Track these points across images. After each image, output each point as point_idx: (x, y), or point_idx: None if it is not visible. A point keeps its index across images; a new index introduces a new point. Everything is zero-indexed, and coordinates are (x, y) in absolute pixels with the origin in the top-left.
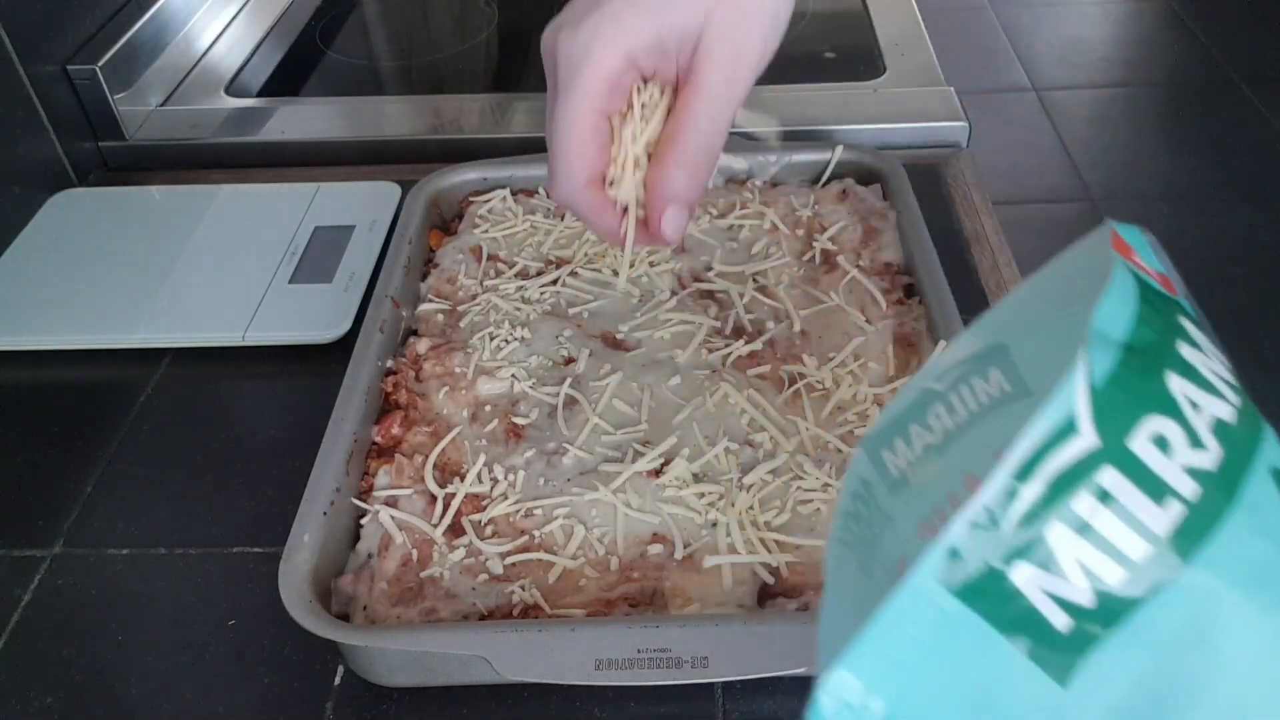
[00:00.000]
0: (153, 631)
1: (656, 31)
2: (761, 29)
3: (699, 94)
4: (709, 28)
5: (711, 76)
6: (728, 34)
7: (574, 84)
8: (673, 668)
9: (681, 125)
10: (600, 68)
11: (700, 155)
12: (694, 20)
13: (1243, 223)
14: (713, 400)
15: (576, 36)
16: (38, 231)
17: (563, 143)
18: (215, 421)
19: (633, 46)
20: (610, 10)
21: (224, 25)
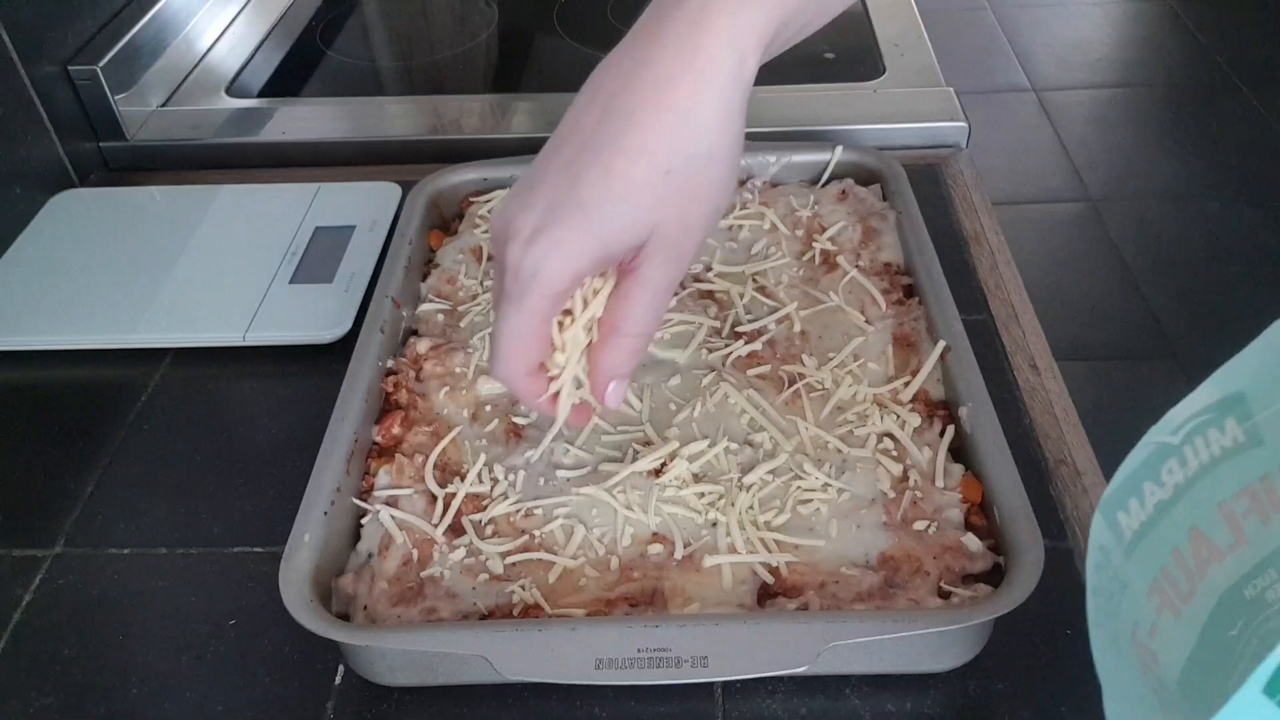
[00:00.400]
0: (153, 631)
1: (604, 252)
2: (701, 234)
3: (640, 289)
4: (653, 238)
5: (652, 274)
6: (671, 242)
7: (522, 300)
8: (672, 667)
9: (622, 315)
10: (548, 288)
11: (640, 340)
12: (640, 236)
13: (1243, 223)
14: (713, 400)
15: (526, 255)
16: (38, 232)
17: (506, 343)
18: (215, 421)
19: (580, 269)
20: (558, 234)
21: (225, 26)
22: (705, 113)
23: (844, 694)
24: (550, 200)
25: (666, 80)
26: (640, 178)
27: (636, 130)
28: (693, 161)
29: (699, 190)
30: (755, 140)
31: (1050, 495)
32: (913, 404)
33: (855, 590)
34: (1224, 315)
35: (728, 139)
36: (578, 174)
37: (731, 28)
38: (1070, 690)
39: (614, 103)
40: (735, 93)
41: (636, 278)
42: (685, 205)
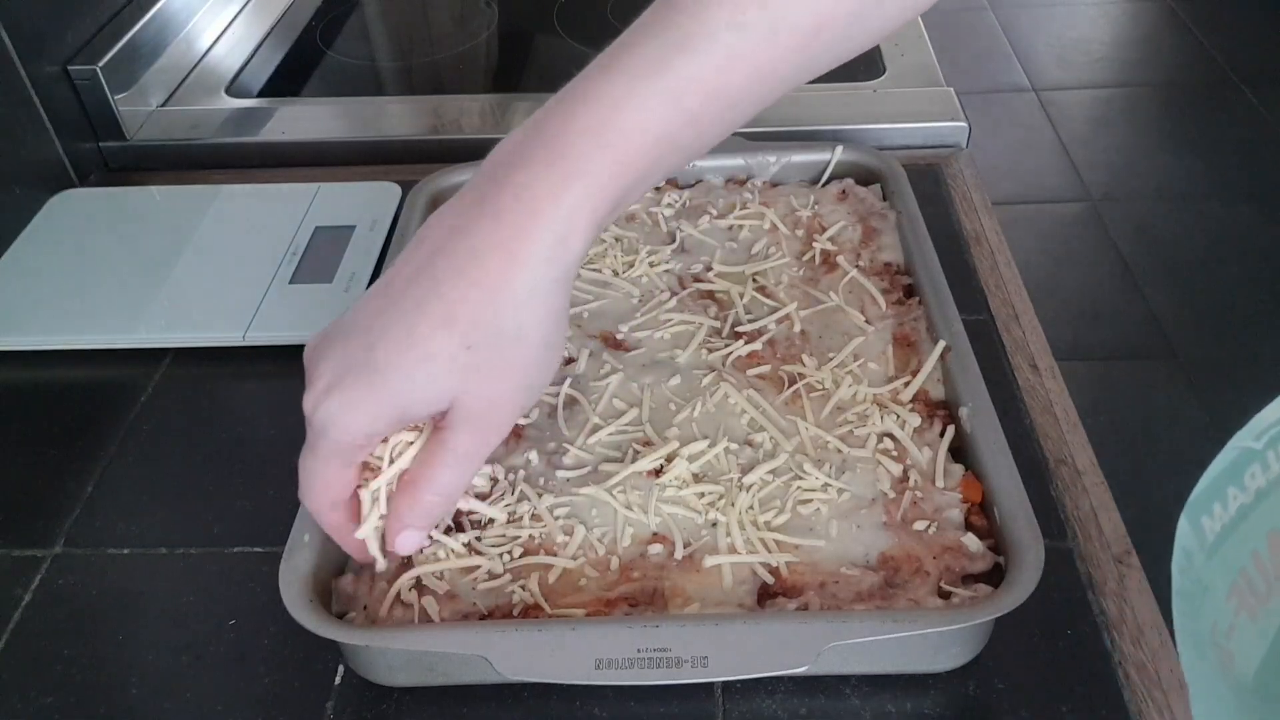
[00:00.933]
0: (153, 631)
1: (399, 414)
2: (510, 409)
3: (444, 453)
4: (456, 408)
5: (457, 441)
6: (475, 414)
7: (316, 448)
8: (672, 668)
9: (424, 475)
10: (338, 445)
11: (436, 502)
12: (439, 405)
13: (1243, 223)
14: (713, 400)
15: (317, 408)
16: (38, 231)
17: (305, 480)
18: (215, 421)
19: (372, 430)
20: (350, 394)
21: (224, 26)
22: (515, 291)
23: (844, 694)
24: (349, 357)
25: (479, 254)
26: (438, 349)
27: (442, 300)
28: (498, 339)
29: (504, 369)
30: (755, 140)
31: (1050, 495)
32: (913, 404)
33: (855, 590)
34: (1224, 315)
35: (540, 318)
36: (379, 335)
37: (552, 210)
38: (1070, 690)
39: (431, 263)
40: (551, 273)
41: (441, 440)
42: (489, 381)
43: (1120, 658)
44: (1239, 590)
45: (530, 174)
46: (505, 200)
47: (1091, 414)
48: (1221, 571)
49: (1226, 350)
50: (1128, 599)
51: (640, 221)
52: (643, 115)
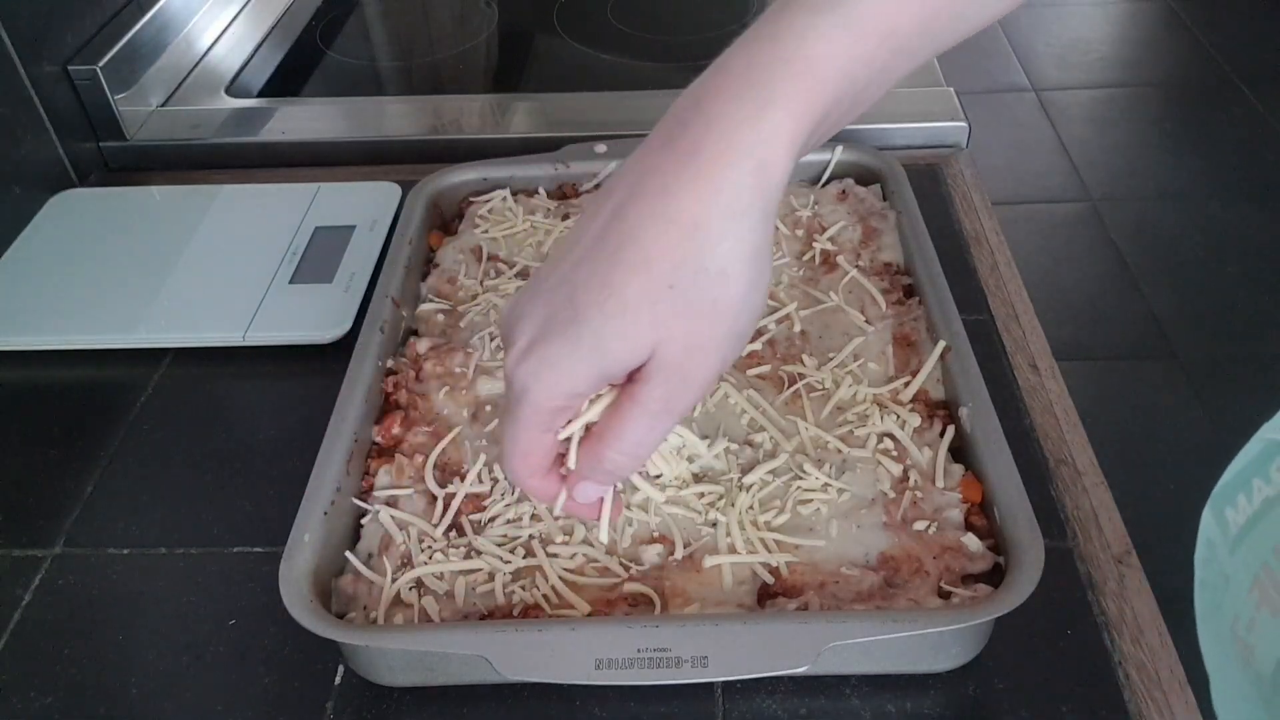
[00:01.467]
0: (153, 631)
1: (599, 371)
2: (715, 357)
3: (634, 408)
4: (654, 359)
5: (649, 395)
6: (674, 364)
7: (517, 413)
8: (673, 668)
9: (610, 431)
10: (540, 407)
11: (624, 460)
12: (639, 356)
13: (1243, 223)
14: (713, 400)
15: (517, 369)
16: (38, 231)
17: (509, 449)
18: (215, 421)
19: (572, 389)
20: (550, 350)
21: (224, 26)
22: (716, 226)
23: (844, 694)
24: (547, 313)
25: (675, 191)
26: (641, 293)
27: (638, 243)
28: (700, 277)
29: (708, 308)
30: None
31: (1050, 495)
32: (913, 404)
33: (855, 590)
34: (1224, 315)
35: (744, 255)
36: (576, 287)
37: (751, 134)
38: (1070, 690)
39: (620, 212)
40: (755, 203)
41: (632, 396)
42: (692, 325)
43: (1120, 658)
44: (1261, 584)
45: (722, 106)
46: (697, 134)
47: (1091, 414)
48: (1244, 564)
49: (1226, 350)
50: (1128, 599)
51: None
52: (827, 46)
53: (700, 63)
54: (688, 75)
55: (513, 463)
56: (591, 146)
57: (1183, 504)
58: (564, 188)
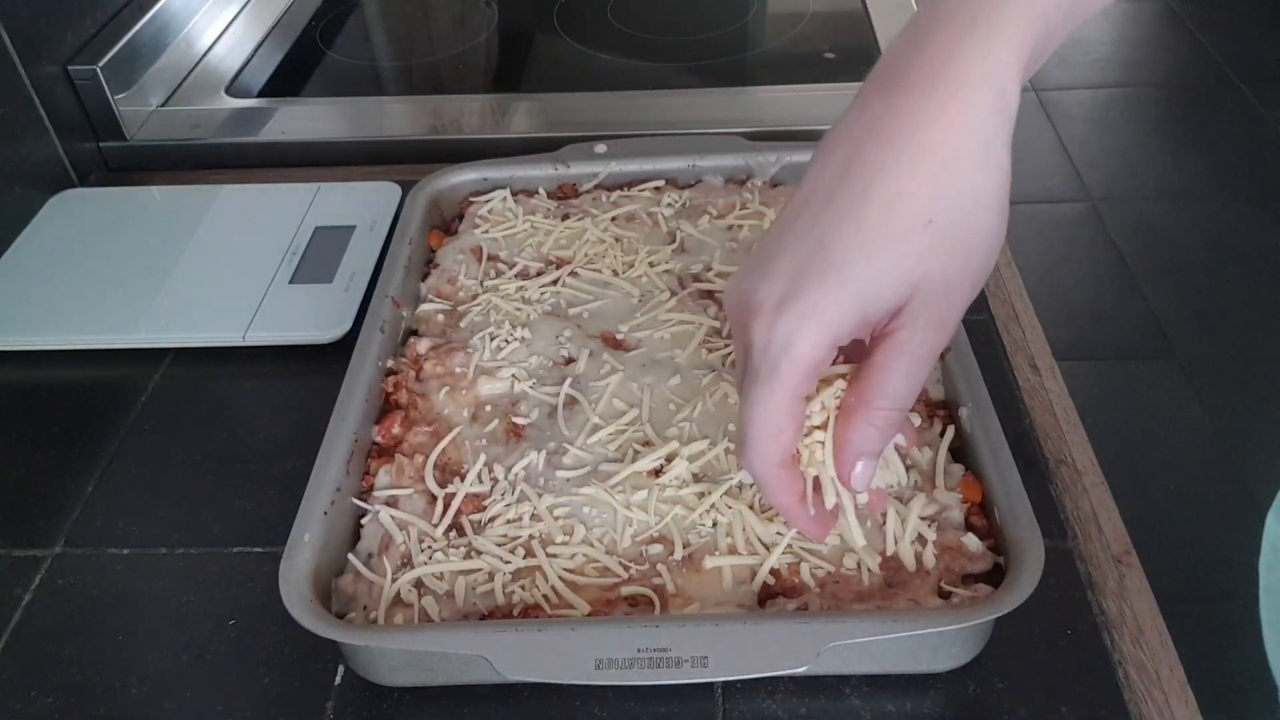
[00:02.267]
0: (153, 631)
1: (861, 315)
2: (969, 292)
3: (899, 356)
4: (915, 298)
5: (913, 339)
6: (935, 301)
7: (774, 377)
8: (672, 668)
9: (874, 385)
10: (803, 361)
11: (894, 414)
12: (901, 296)
13: (1243, 223)
14: (713, 400)
15: (775, 327)
16: (38, 231)
17: (758, 429)
18: (215, 421)
19: (837, 336)
20: (809, 299)
21: (224, 26)
22: (967, 156)
23: (844, 694)
24: (796, 265)
25: (919, 125)
26: (899, 229)
27: (889, 179)
28: (957, 210)
29: (967, 242)
30: (755, 140)
31: (1050, 495)
32: (913, 404)
33: (855, 590)
34: (1224, 315)
35: (994, 182)
36: (824, 232)
37: (983, 64)
38: (1070, 690)
39: (858, 154)
40: (998, 130)
41: (893, 343)
42: (951, 260)
43: (1120, 658)
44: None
45: (946, 40)
46: (925, 73)
47: (1091, 414)
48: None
49: (1226, 350)
50: (1128, 599)
51: (640, 221)
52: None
53: (700, 62)
54: (688, 75)
55: (764, 446)
56: (591, 146)
57: (1183, 504)
58: (564, 188)
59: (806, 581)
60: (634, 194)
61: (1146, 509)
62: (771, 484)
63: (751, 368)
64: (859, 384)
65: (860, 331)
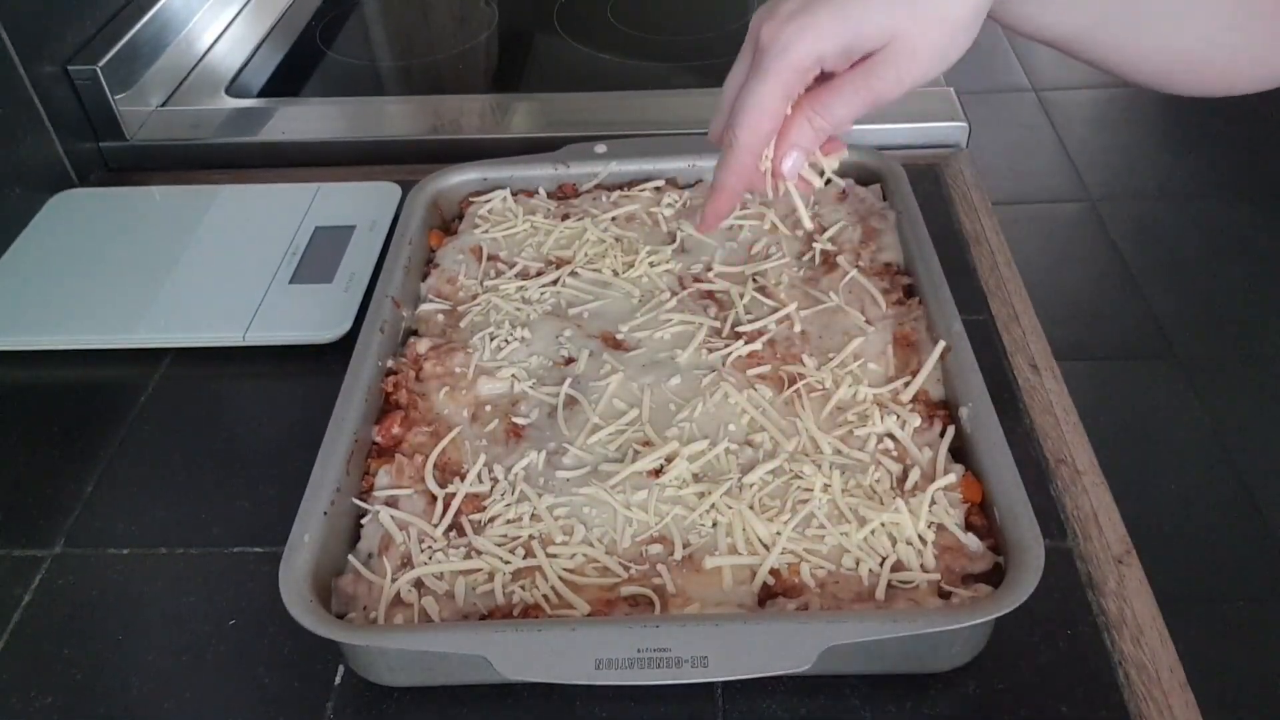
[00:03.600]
0: (153, 631)
1: (849, 40)
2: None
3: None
4: (888, 47)
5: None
6: (902, 56)
7: (769, 70)
8: (672, 668)
9: (824, 98)
10: (793, 61)
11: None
12: (881, 38)
13: (1243, 223)
14: (713, 400)
15: (781, 31)
16: (38, 231)
17: (755, 107)
18: (215, 421)
19: (825, 50)
20: (813, 17)
21: (224, 26)
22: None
23: (844, 694)
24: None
25: None
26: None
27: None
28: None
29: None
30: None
31: (1050, 495)
32: (913, 404)
33: (855, 590)
34: (1224, 315)
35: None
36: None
37: None
38: (1070, 690)
39: None
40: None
41: (855, 73)
42: (928, 29)
43: (1120, 658)
44: None
45: None
46: None
47: (1091, 414)
48: None
49: (1226, 350)
50: (1128, 599)
51: (640, 221)
52: None
53: (700, 62)
54: (688, 75)
55: (749, 117)
56: (591, 146)
57: (1183, 504)
58: (564, 188)
59: (806, 581)
60: (634, 194)
61: (1146, 509)
62: (737, 161)
63: (757, 64)
64: (814, 92)
65: (845, 55)
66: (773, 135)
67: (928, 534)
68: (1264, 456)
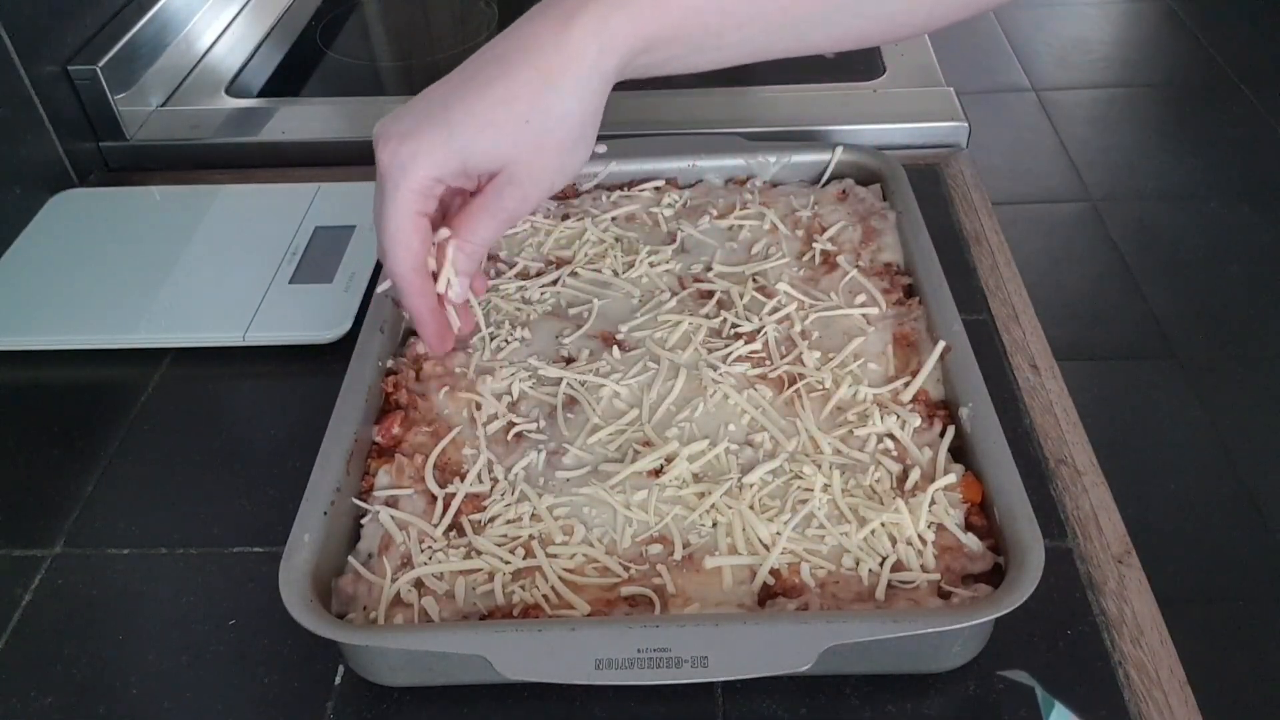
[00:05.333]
0: (153, 631)
1: (461, 165)
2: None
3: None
4: (507, 169)
5: (498, 199)
6: (520, 180)
7: (395, 193)
8: (673, 668)
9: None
10: (414, 183)
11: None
12: (494, 164)
13: (1243, 223)
14: (713, 400)
15: (399, 152)
16: (38, 231)
17: (392, 236)
18: (215, 421)
19: (442, 172)
20: (423, 140)
21: (224, 25)
22: (567, 82)
23: (844, 694)
24: (421, 117)
25: (540, 50)
26: (502, 119)
27: (508, 82)
28: (548, 117)
29: (551, 144)
30: (755, 140)
31: (1050, 495)
32: (913, 404)
33: (855, 590)
34: (1224, 315)
35: (581, 110)
36: (450, 104)
37: (599, 28)
38: (1070, 690)
39: (497, 57)
40: (594, 77)
41: (485, 198)
42: (537, 153)
43: (1120, 658)
44: None
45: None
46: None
47: (1091, 414)
48: None
49: (1226, 350)
50: (1128, 599)
51: (640, 221)
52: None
53: None
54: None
55: (397, 252)
56: None
57: (1183, 504)
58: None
59: (806, 581)
60: (634, 194)
61: (1146, 509)
62: (407, 288)
63: (380, 187)
64: (460, 219)
65: (462, 179)
66: (425, 248)
67: (928, 534)
68: (1264, 456)
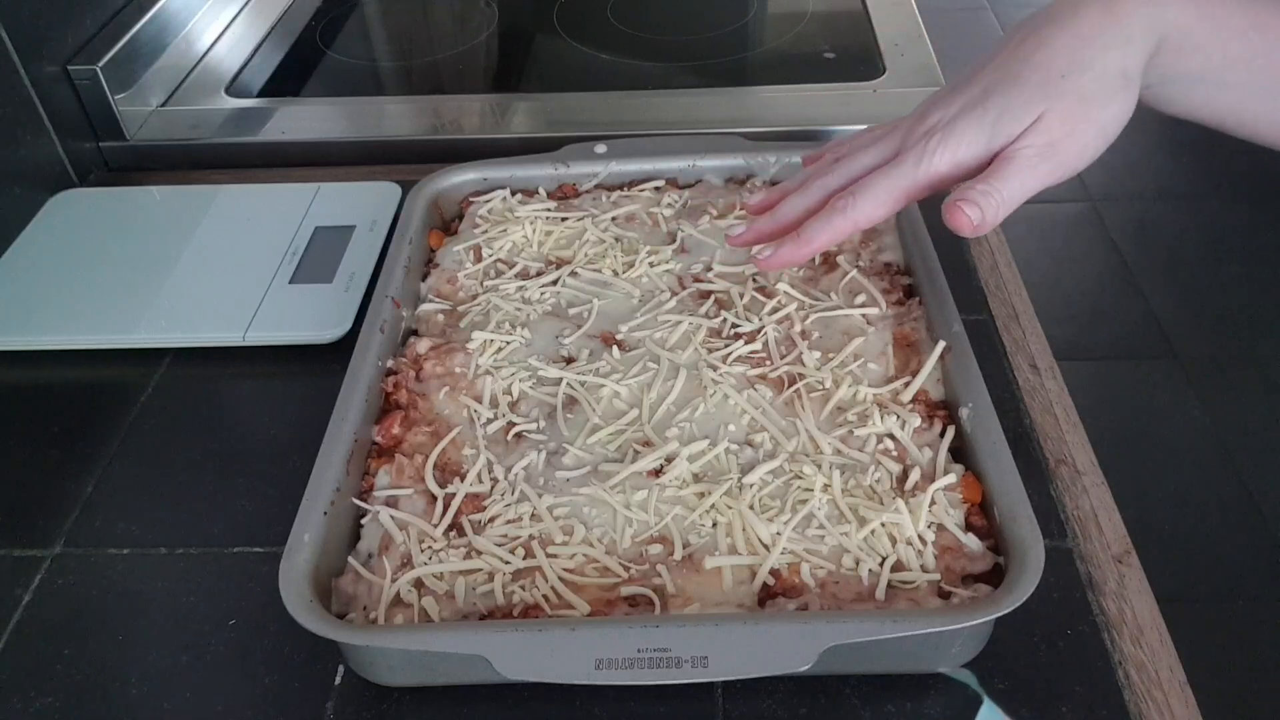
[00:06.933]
0: (153, 631)
1: (986, 146)
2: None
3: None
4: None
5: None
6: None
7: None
8: (672, 668)
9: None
10: (934, 169)
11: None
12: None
13: (1243, 223)
14: (713, 400)
15: (930, 141)
16: (38, 231)
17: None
18: (215, 421)
19: (964, 160)
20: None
21: (224, 26)
22: (1108, 39)
23: (844, 694)
24: (963, 101)
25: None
26: (1038, 78)
27: (1047, 48)
28: (1086, 71)
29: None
30: (755, 140)
31: (1050, 495)
32: (913, 404)
33: (855, 590)
34: (1224, 315)
35: (1124, 65)
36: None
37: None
38: (1070, 690)
39: (1035, 32)
40: (1137, 38)
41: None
42: (1072, 105)
43: (1120, 658)
44: None
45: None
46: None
47: (1091, 414)
48: None
49: (1226, 350)
50: (1128, 599)
51: (640, 221)
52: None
53: (700, 62)
54: (688, 75)
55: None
56: (591, 146)
57: (1183, 504)
58: (564, 188)
59: (806, 581)
60: (634, 194)
61: (1146, 509)
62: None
63: (901, 158)
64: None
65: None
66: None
67: (928, 534)
68: (1264, 456)
